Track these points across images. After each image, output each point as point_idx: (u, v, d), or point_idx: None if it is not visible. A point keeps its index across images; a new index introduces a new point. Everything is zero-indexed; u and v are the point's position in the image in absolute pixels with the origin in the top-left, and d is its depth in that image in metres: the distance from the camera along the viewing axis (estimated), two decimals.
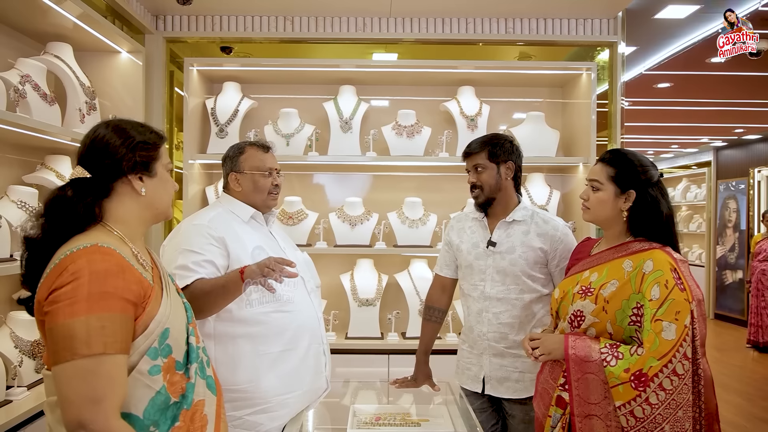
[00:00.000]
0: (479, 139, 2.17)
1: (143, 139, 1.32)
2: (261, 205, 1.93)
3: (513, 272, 2.08)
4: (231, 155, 1.95)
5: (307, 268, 1.98)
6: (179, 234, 1.79)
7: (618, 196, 1.70)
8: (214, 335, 1.73)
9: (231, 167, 1.93)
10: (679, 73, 4.65)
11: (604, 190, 1.72)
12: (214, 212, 1.86)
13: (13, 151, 2.43)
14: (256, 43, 3.36)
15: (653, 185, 1.68)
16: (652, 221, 1.66)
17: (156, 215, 1.39)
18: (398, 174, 3.48)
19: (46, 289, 1.15)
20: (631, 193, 1.68)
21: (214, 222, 1.79)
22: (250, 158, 1.92)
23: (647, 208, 1.67)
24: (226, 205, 1.91)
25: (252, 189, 1.91)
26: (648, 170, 1.69)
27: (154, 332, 1.22)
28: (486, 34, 3.32)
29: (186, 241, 1.73)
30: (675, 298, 1.52)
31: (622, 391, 1.51)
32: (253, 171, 1.90)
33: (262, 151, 1.95)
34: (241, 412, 1.71)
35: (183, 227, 1.81)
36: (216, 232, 1.75)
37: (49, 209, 1.25)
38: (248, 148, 1.95)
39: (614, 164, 1.72)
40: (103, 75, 2.85)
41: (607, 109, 3.32)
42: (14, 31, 2.46)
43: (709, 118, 6.81)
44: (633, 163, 1.71)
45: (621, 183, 1.70)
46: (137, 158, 1.30)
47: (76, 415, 1.09)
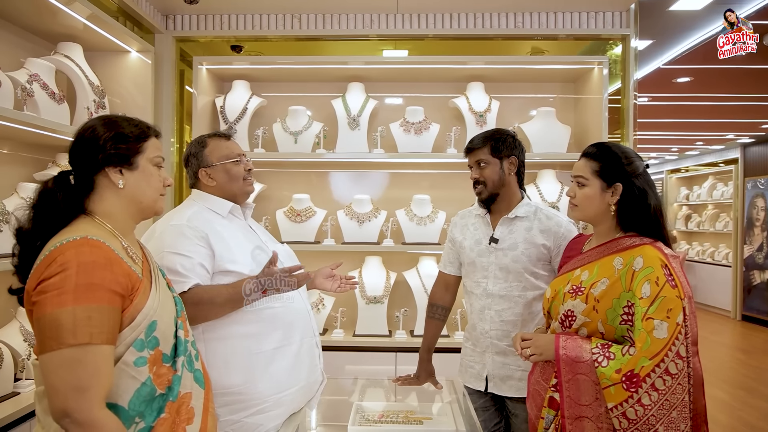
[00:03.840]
0: (481, 134, 2.14)
1: (123, 131, 1.33)
2: (239, 193, 1.86)
3: (515, 269, 2.05)
4: (194, 152, 1.86)
5: (289, 260, 1.93)
6: (157, 236, 1.69)
7: (604, 190, 1.66)
8: (204, 338, 1.67)
9: (198, 164, 1.85)
10: (698, 67, 4.52)
11: (589, 185, 1.67)
12: (190, 210, 1.77)
13: (25, 149, 2.49)
14: (265, 42, 3.38)
15: (639, 176, 1.63)
16: (641, 214, 1.62)
17: (141, 210, 1.38)
18: (406, 171, 3.47)
19: (35, 280, 1.17)
20: (618, 186, 1.64)
21: (194, 220, 1.71)
22: (216, 149, 1.85)
23: (635, 201, 1.62)
24: (202, 202, 1.82)
25: (226, 179, 1.83)
26: (633, 161, 1.65)
27: (141, 324, 1.23)
28: (495, 29, 3.29)
29: (170, 244, 1.64)
30: (666, 296, 1.47)
31: (614, 393, 1.47)
32: (222, 161, 1.83)
33: (225, 139, 1.88)
34: (239, 415, 1.67)
35: (159, 228, 1.71)
36: (198, 231, 1.68)
37: (36, 202, 1.27)
38: (209, 140, 1.87)
39: (598, 158, 1.67)
40: (114, 74, 2.91)
41: (620, 105, 3.25)
42: (26, 32, 2.52)
43: (733, 113, 6.61)
44: (617, 155, 1.66)
45: (606, 177, 1.65)
46: (113, 150, 1.30)
47: (61, 404, 1.10)
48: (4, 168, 2.39)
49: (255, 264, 1.73)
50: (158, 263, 1.60)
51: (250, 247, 1.79)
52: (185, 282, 1.61)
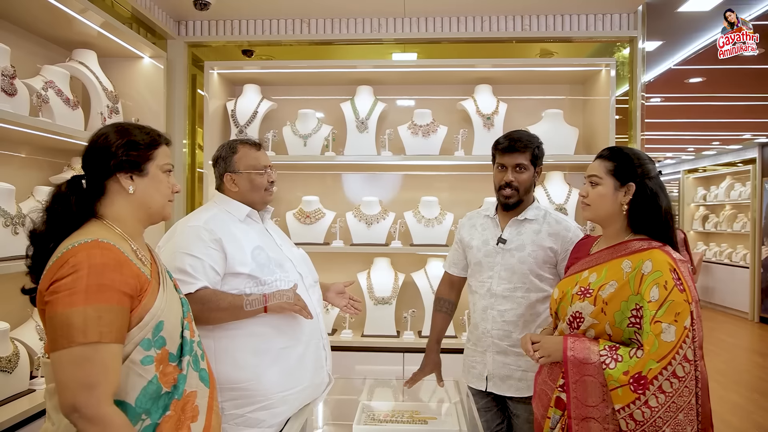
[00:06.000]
0: (521, 136, 2.09)
1: (134, 139, 1.38)
2: (258, 202, 1.93)
3: (521, 270, 2.07)
4: (224, 155, 1.93)
5: (305, 264, 1.99)
6: (176, 235, 1.76)
7: (618, 189, 1.68)
8: (213, 335, 1.73)
9: (225, 167, 1.92)
10: (710, 68, 4.49)
11: (603, 184, 1.69)
12: (209, 213, 1.84)
13: (41, 153, 2.57)
14: (275, 46, 3.43)
15: (651, 179, 1.65)
16: (652, 216, 1.64)
17: (150, 215, 1.42)
18: (414, 173, 3.50)
19: (48, 280, 1.22)
20: (631, 185, 1.65)
21: (210, 223, 1.77)
22: (244, 157, 1.91)
23: (647, 202, 1.64)
24: (222, 205, 1.90)
25: (249, 188, 1.90)
26: (645, 164, 1.67)
27: (149, 324, 1.27)
28: (502, 31, 3.31)
29: (184, 244, 1.72)
30: (674, 299, 1.49)
31: (621, 394, 1.49)
32: (248, 170, 1.90)
33: (255, 149, 1.94)
34: (243, 409, 1.73)
35: (179, 228, 1.79)
36: (212, 234, 1.74)
37: (50, 205, 1.32)
38: (240, 146, 1.93)
39: (613, 158, 1.70)
40: (127, 79, 2.98)
41: (628, 105, 3.25)
42: (43, 40, 2.59)
43: (749, 112, 6.54)
44: (630, 157, 1.69)
45: (620, 176, 1.67)
46: (124, 157, 1.35)
47: (70, 400, 1.15)
48: (22, 172, 2.47)
49: (255, 264, 1.78)
50: (172, 262, 1.68)
51: (264, 253, 1.84)
52: (193, 283, 1.67)
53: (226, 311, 1.70)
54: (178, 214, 3.23)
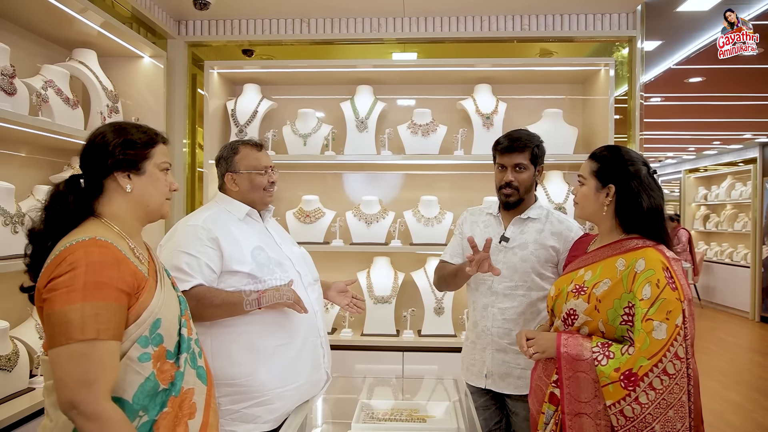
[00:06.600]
0: (521, 136, 2.08)
1: (131, 138, 1.38)
2: (258, 202, 1.95)
3: (523, 268, 2.07)
4: (225, 156, 1.96)
5: (304, 263, 2.00)
6: (176, 234, 1.79)
7: (599, 190, 1.70)
8: (210, 332, 1.75)
9: (226, 167, 1.95)
10: (710, 67, 4.49)
11: (586, 184, 1.73)
12: (208, 212, 1.87)
13: (41, 152, 2.57)
14: (275, 45, 3.44)
15: (636, 180, 1.65)
16: (634, 216, 1.64)
17: (148, 213, 1.43)
18: (414, 173, 3.50)
19: (46, 278, 1.23)
20: (611, 187, 1.67)
21: (208, 222, 1.80)
22: (246, 158, 1.93)
23: (628, 203, 1.65)
24: (222, 204, 1.92)
25: (249, 188, 1.92)
26: (634, 164, 1.67)
27: (146, 321, 1.28)
28: (502, 31, 3.31)
29: (182, 243, 1.74)
30: (666, 298, 1.49)
31: (612, 391, 1.50)
32: (249, 170, 1.92)
33: (256, 149, 1.96)
34: (239, 405, 1.75)
35: (179, 227, 1.82)
36: (209, 233, 1.76)
37: (48, 204, 1.33)
38: (242, 147, 1.96)
39: (598, 159, 1.72)
40: (127, 79, 2.98)
41: (627, 105, 3.25)
42: (43, 40, 2.60)
43: (749, 112, 6.54)
44: (617, 157, 1.69)
45: (602, 177, 1.69)
46: (122, 156, 1.36)
47: (69, 396, 1.16)
48: (22, 171, 2.47)
49: (255, 264, 1.78)
50: (170, 260, 1.70)
51: (264, 253, 1.85)
52: (189, 281, 1.69)
53: (220, 308, 1.71)
54: (178, 213, 3.24)
